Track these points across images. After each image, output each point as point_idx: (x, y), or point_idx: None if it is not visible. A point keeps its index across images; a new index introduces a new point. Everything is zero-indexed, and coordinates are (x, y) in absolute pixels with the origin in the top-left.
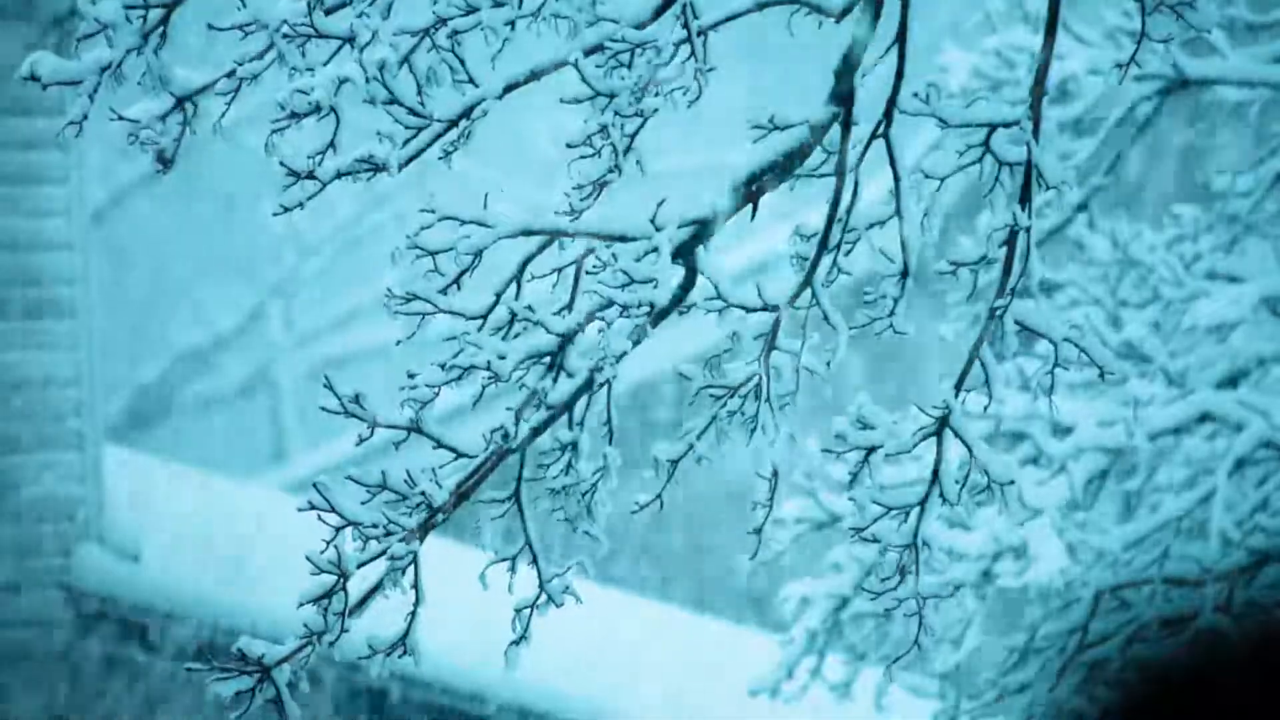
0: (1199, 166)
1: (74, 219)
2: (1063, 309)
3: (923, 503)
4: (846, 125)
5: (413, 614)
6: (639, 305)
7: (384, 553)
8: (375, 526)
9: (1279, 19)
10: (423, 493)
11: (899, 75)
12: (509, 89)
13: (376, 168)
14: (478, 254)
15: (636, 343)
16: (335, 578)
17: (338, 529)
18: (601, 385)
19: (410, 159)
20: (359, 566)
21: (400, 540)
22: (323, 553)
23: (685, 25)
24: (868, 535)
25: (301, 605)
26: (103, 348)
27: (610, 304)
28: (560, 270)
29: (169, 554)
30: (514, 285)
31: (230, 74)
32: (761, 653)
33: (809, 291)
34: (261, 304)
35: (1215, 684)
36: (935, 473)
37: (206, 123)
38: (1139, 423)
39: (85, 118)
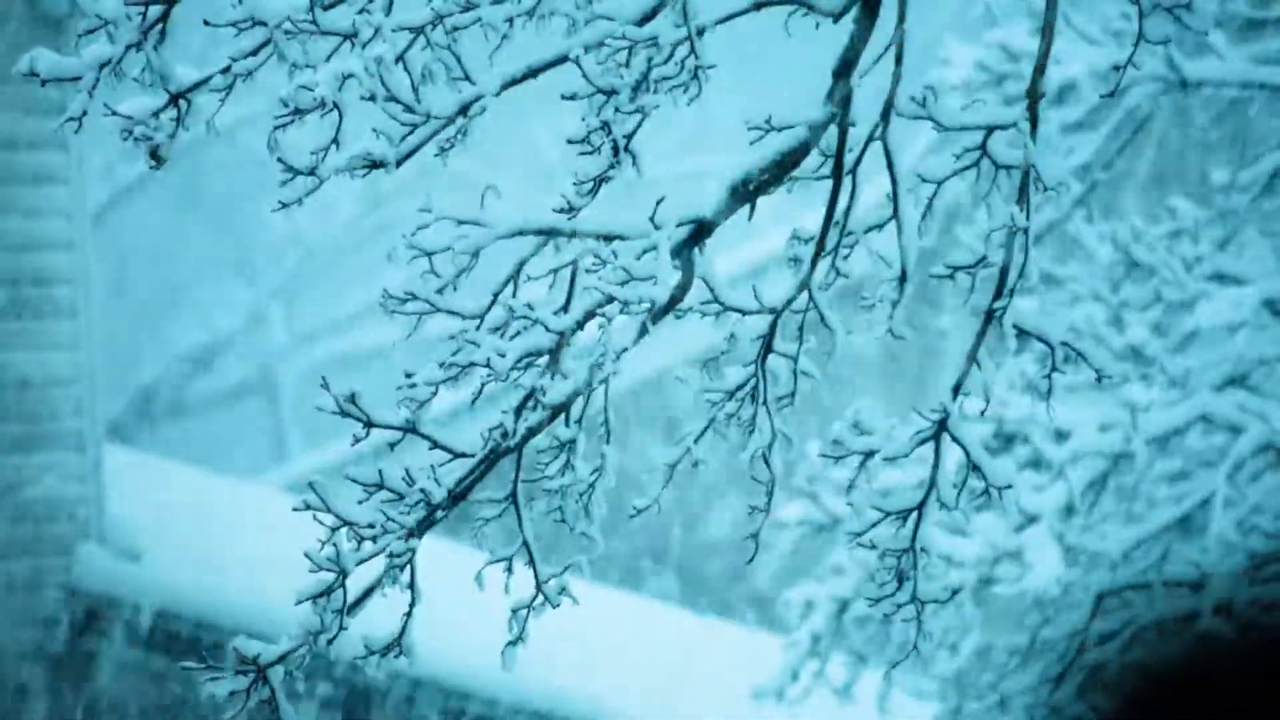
0: (1196, 163)
1: (74, 219)
2: (1063, 306)
3: (920, 507)
4: (844, 127)
5: (408, 614)
6: (639, 302)
7: (382, 550)
8: (371, 526)
9: (1277, 16)
10: (421, 490)
11: (896, 77)
12: (506, 86)
13: (374, 164)
14: (475, 254)
15: (636, 340)
16: (334, 575)
17: (333, 529)
18: (601, 382)
19: (407, 156)
20: (358, 564)
21: (399, 538)
22: (321, 550)
23: (684, 23)
24: (865, 541)
25: (300, 603)
26: (103, 348)
27: (610, 300)
28: (557, 271)
29: (169, 554)
30: (511, 285)
31: (225, 70)
32: (763, 652)
33: (806, 294)
34: (262, 304)
35: (1215, 686)
36: (933, 477)
37: (201, 120)
38: (1137, 429)
39: (84, 114)
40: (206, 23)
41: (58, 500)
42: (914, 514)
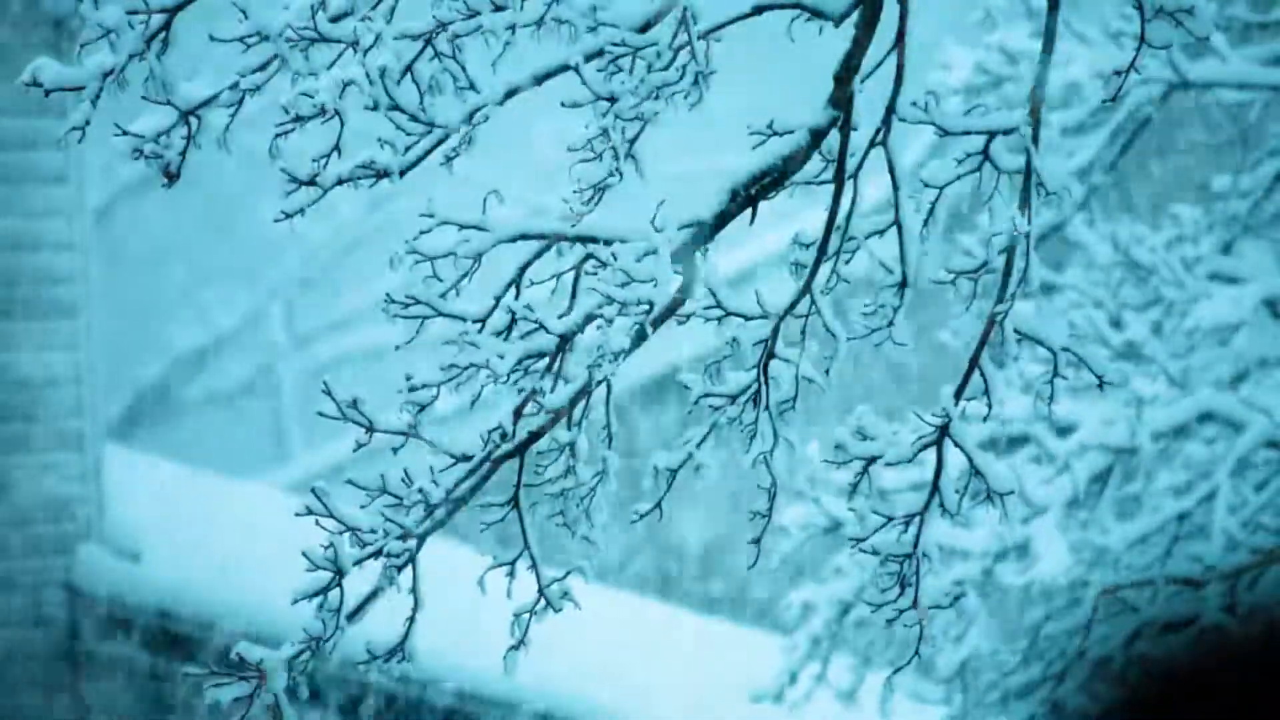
0: (1198, 166)
1: (74, 219)
2: (1063, 311)
3: (923, 513)
4: (845, 131)
5: (411, 619)
6: (638, 303)
7: (380, 551)
8: (374, 531)
9: (1278, 19)
10: (420, 491)
11: (898, 82)
12: (510, 94)
13: (379, 174)
14: (477, 258)
15: (636, 344)
16: (331, 575)
17: (336, 534)
18: (600, 384)
19: (412, 165)
20: (356, 564)
21: (396, 538)
22: (321, 551)
23: (685, 29)
24: (867, 547)
25: (296, 602)
26: (103, 348)
27: (609, 301)
28: (559, 275)
29: (169, 554)
30: (513, 289)
31: (233, 86)
32: (767, 654)
33: (808, 298)
34: (261, 305)
35: (1218, 683)
36: (935, 483)
37: (210, 135)
38: (1142, 422)
39: (88, 123)
40: (213, 38)
41: (58, 500)
42: (916, 519)
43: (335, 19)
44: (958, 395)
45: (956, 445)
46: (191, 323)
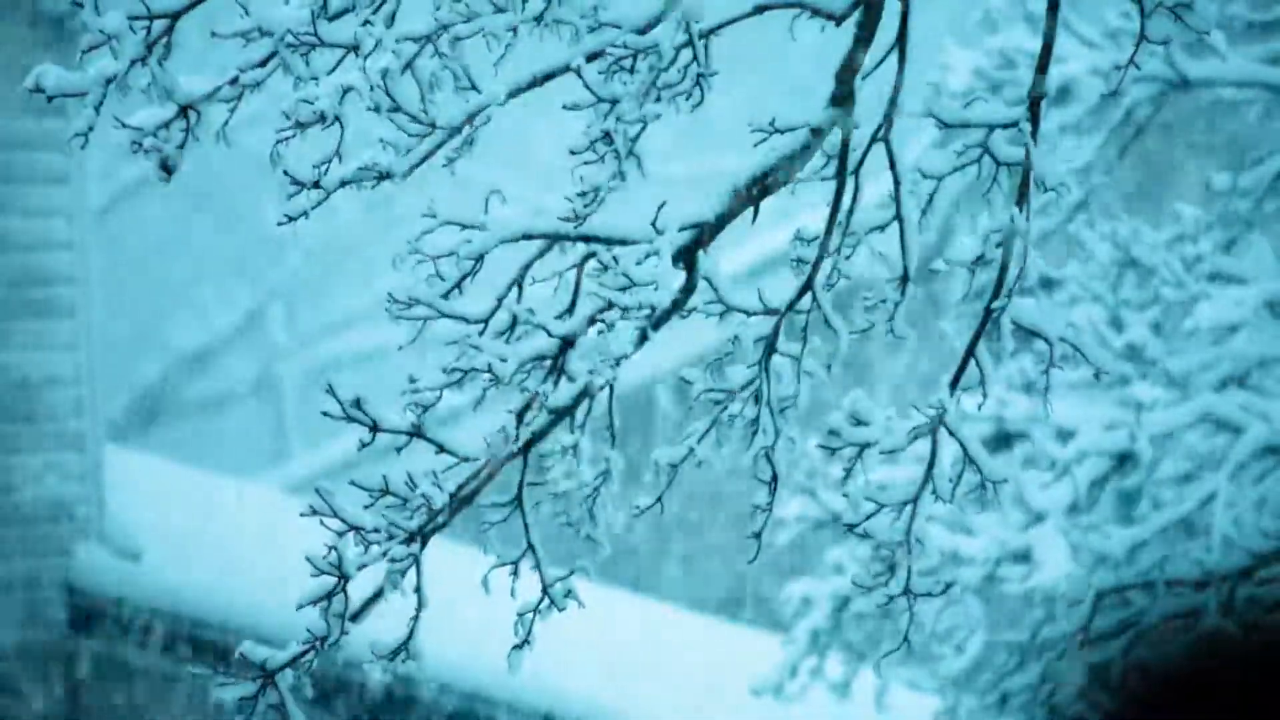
0: (1200, 165)
1: (74, 219)
2: (1062, 306)
3: (916, 499)
4: (847, 128)
5: (415, 618)
6: (639, 308)
7: (384, 555)
8: (377, 531)
9: (1278, 17)
10: (424, 495)
11: (898, 79)
12: (511, 95)
13: (381, 175)
14: (479, 258)
15: (637, 346)
16: (335, 580)
17: (340, 534)
18: (601, 388)
19: (414, 166)
20: (359, 569)
21: (401, 543)
22: (325, 557)
23: (686, 30)
24: (860, 531)
25: (301, 608)
26: (103, 348)
27: (611, 306)
28: (561, 274)
29: (169, 554)
30: (515, 289)
31: (233, 81)
32: (763, 651)
33: (809, 295)
34: (262, 304)
35: (1217, 685)
36: (929, 470)
37: (209, 130)
38: (1141, 427)
39: (91, 129)
40: (214, 34)
41: (58, 500)
42: (909, 506)
43: (335, 17)
44: (953, 386)
45: (951, 434)
46: (191, 322)
